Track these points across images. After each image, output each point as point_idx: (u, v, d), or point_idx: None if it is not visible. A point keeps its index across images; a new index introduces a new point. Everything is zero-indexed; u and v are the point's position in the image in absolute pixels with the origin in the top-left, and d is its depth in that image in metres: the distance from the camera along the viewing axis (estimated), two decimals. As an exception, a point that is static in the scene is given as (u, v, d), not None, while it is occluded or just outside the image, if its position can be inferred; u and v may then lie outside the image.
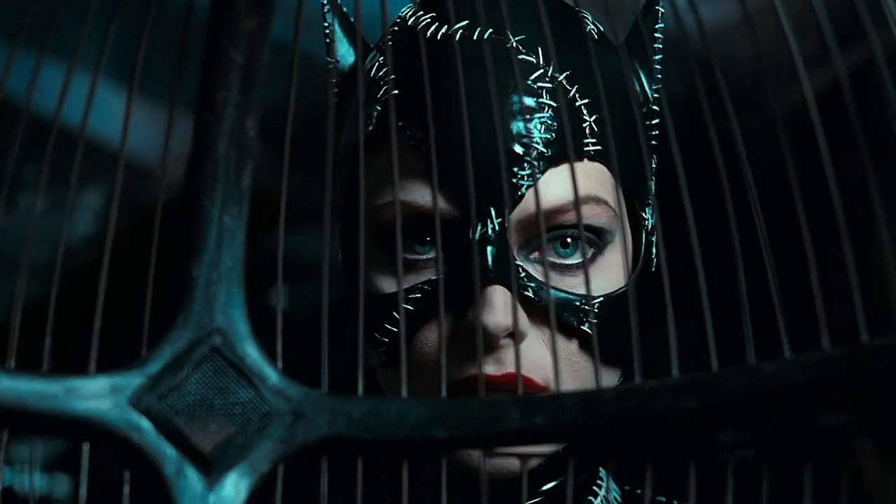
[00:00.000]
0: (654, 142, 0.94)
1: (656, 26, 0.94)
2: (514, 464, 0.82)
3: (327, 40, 0.94)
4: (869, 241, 0.58)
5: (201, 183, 0.57)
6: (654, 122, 0.94)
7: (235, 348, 0.56)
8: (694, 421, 0.57)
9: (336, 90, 0.93)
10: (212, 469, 0.55)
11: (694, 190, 0.66)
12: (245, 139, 0.57)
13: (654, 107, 0.93)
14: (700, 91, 0.59)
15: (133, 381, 0.56)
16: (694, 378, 0.57)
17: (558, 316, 0.84)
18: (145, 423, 0.55)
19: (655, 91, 0.94)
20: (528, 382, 0.84)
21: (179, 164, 0.58)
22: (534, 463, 0.84)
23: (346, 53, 0.94)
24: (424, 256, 0.86)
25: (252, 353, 0.56)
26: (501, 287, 0.82)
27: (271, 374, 0.56)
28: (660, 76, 0.94)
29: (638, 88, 0.93)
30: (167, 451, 0.55)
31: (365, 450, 0.57)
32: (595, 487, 0.92)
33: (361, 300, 0.60)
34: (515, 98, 0.85)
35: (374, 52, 0.92)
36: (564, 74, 0.87)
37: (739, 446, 0.59)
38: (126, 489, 0.56)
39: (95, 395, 0.55)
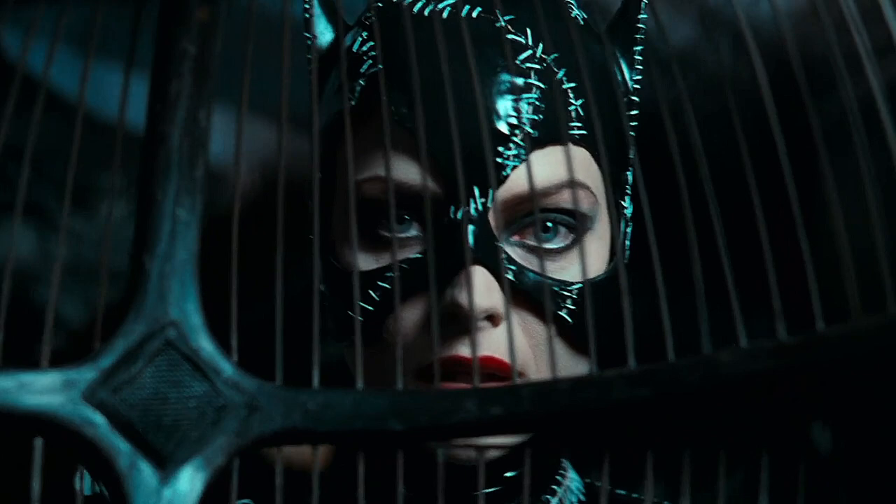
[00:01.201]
0: (632, 133, 0.94)
1: (639, 16, 0.94)
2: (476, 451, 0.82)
3: (307, 15, 0.92)
4: (824, 230, 0.59)
5: (154, 175, 0.57)
6: (633, 112, 0.94)
7: (190, 341, 0.56)
8: (651, 411, 0.57)
9: (315, 66, 0.92)
10: (166, 463, 0.55)
11: (651, 179, 0.66)
12: (198, 130, 0.57)
13: (634, 97, 0.93)
14: (656, 79, 0.59)
15: (86, 375, 0.55)
16: (650, 368, 0.57)
17: (537, 301, 0.83)
18: (98, 418, 0.55)
19: (636, 81, 0.93)
20: (504, 366, 0.83)
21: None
22: (495, 452, 0.84)
23: (324, 30, 0.94)
24: (403, 235, 0.86)
25: (206, 346, 0.56)
26: (482, 268, 0.82)
27: (226, 367, 0.56)
28: (640, 66, 0.94)
29: (620, 78, 0.93)
30: (121, 446, 0.55)
31: (320, 442, 0.57)
32: (558, 477, 0.92)
33: (316, 293, 0.60)
34: (504, 77, 0.85)
35: (357, 27, 0.91)
36: (552, 57, 0.87)
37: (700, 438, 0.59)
38: (79, 484, 0.55)
39: (48, 389, 0.55)
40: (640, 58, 0.94)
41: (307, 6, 0.92)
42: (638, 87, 0.94)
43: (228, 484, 0.56)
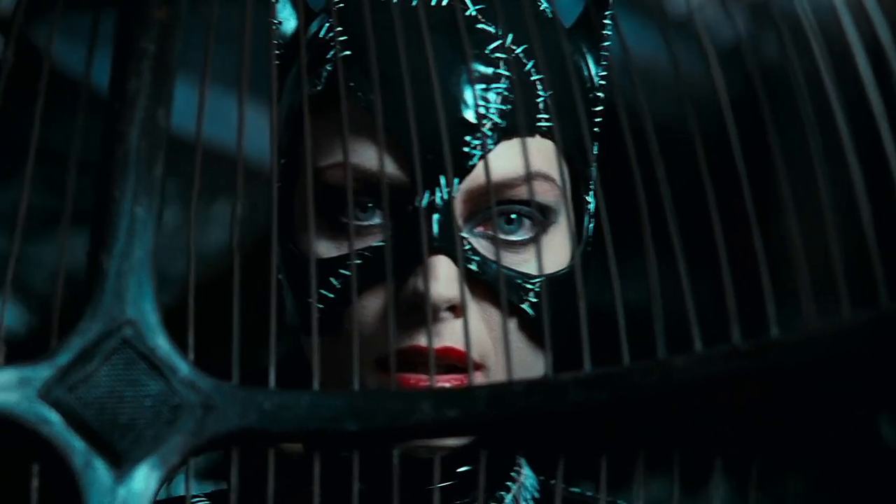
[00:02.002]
0: (596, 129, 0.94)
1: (606, 11, 0.94)
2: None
3: (272, 1, 0.92)
4: (779, 236, 0.59)
5: (112, 173, 0.57)
6: (598, 108, 0.94)
7: (146, 340, 0.56)
8: (605, 414, 0.57)
9: (279, 51, 0.92)
10: (121, 462, 0.55)
11: (609, 182, 0.66)
12: (157, 130, 0.57)
13: (600, 93, 0.93)
14: (614, 82, 0.59)
15: (42, 373, 0.55)
16: (605, 372, 0.57)
17: (499, 293, 0.83)
18: (54, 416, 0.55)
19: (602, 77, 0.93)
20: (465, 357, 0.82)
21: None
22: (451, 442, 0.83)
23: (289, 16, 0.93)
24: (366, 222, 0.85)
25: (163, 344, 0.56)
26: (446, 258, 0.82)
27: (182, 367, 0.56)
28: (606, 62, 0.94)
29: (586, 73, 0.93)
30: (76, 444, 0.55)
31: (276, 442, 0.57)
32: (513, 474, 0.92)
33: (274, 293, 0.60)
34: (472, 66, 0.85)
35: (324, 13, 0.91)
36: (521, 48, 0.87)
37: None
38: (35, 482, 0.55)
39: (3, 387, 0.55)
40: (606, 53, 0.94)
41: None
42: (604, 82, 0.94)
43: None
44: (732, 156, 0.58)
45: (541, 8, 0.91)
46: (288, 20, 0.93)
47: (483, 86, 0.84)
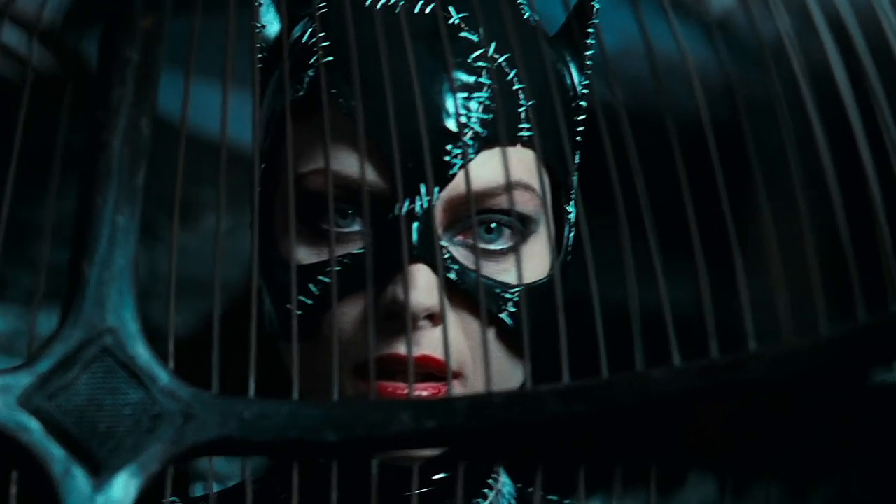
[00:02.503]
0: (578, 137, 0.94)
1: (590, 21, 0.94)
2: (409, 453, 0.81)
3: (256, 3, 0.92)
4: (758, 250, 0.59)
5: (95, 181, 0.57)
6: (581, 117, 0.94)
7: (126, 349, 0.56)
8: (584, 426, 0.58)
9: (262, 55, 0.92)
10: (100, 470, 0.55)
11: (588, 192, 0.66)
12: (140, 138, 0.57)
13: (583, 102, 0.93)
14: (595, 94, 0.59)
15: (22, 380, 0.55)
16: (584, 384, 0.58)
17: (478, 301, 0.83)
18: (33, 424, 0.55)
19: (584, 86, 0.94)
20: (442, 366, 0.82)
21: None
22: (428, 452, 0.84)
23: (272, 20, 0.93)
24: (347, 229, 0.85)
25: (143, 353, 0.56)
26: (425, 266, 0.82)
27: (162, 375, 0.56)
28: (590, 72, 0.94)
29: (569, 82, 0.93)
30: (55, 452, 0.55)
31: (255, 452, 0.57)
32: (490, 481, 0.92)
33: (255, 299, 0.60)
34: (454, 75, 0.85)
35: (308, 18, 0.91)
36: (504, 57, 0.87)
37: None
38: (13, 490, 0.55)
39: (-17, 394, 0.55)
40: (590, 62, 0.94)
41: None
42: (586, 91, 0.94)
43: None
44: (710, 170, 0.59)
45: (525, 16, 0.91)
46: (272, 24, 0.93)
47: (465, 94, 0.84)
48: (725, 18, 0.59)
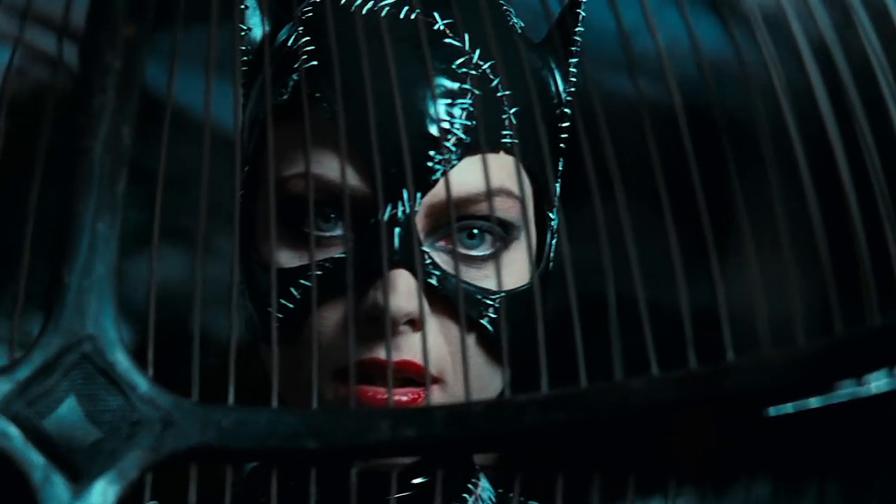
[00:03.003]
0: (562, 144, 0.94)
1: (576, 28, 0.94)
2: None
3: (242, 6, 0.92)
4: (737, 261, 0.60)
5: (75, 189, 0.57)
6: (565, 124, 0.94)
7: (106, 355, 0.56)
8: (563, 436, 0.58)
9: (247, 58, 0.92)
10: (79, 476, 0.55)
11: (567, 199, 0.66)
12: (121, 146, 0.57)
13: (567, 109, 0.93)
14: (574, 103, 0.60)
15: (1, 387, 0.56)
16: (563, 393, 0.58)
17: (459, 308, 0.83)
18: (13, 430, 0.55)
19: (568, 93, 0.94)
20: (422, 371, 0.82)
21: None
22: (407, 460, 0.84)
23: (258, 23, 0.93)
24: (328, 234, 0.85)
25: (122, 360, 0.56)
26: (406, 271, 0.82)
27: (141, 382, 0.56)
28: (574, 79, 0.94)
29: (553, 89, 0.93)
30: (34, 459, 0.55)
31: (235, 459, 0.57)
32: (470, 486, 0.92)
33: (235, 303, 0.60)
34: (438, 81, 0.85)
35: (294, 22, 0.91)
36: (489, 63, 0.87)
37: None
38: (-8, 496, 0.55)
39: (-38, 401, 0.55)
40: (574, 70, 0.94)
41: None
42: (570, 98, 0.94)
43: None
44: (689, 178, 0.59)
45: (510, 22, 0.91)
46: (258, 26, 0.93)
47: (448, 101, 0.84)
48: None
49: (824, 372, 0.57)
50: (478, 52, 0.86)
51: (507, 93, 0.86)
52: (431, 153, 0.83)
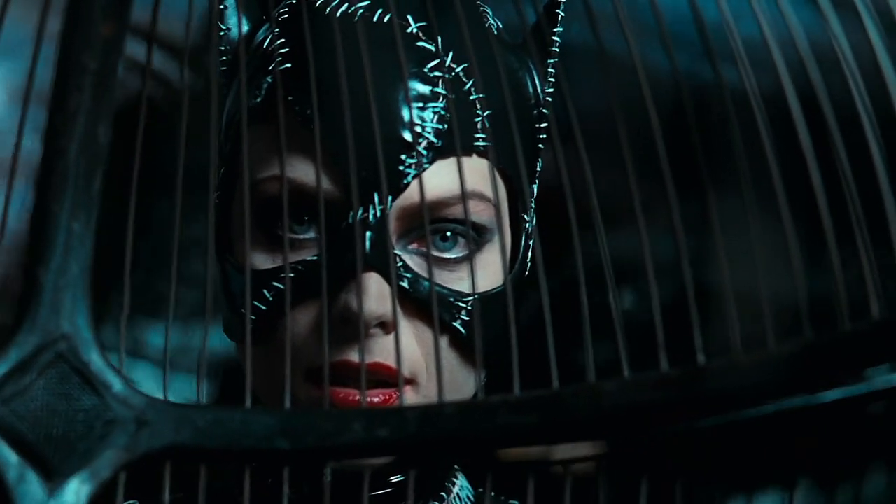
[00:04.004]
0: (540, 145, 0.94)
1: (554, 28, 0.94)
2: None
3: (221, 6, 0.92)
4: (710, 265, 0.60)
5: (51, 188, 0.57)
6: (542, 125, 0.94)
7: (80, 355, 0.56)
8: (535, 437, 0.58)
9: (225, 58, 0.92)
10: (53, 475, 0.55)
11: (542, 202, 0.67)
12: (97, 146, 0.57)
13: (545, 110, 0.93)
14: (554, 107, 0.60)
15: (-24, 385, 0.56)
16: (536, 395, 0.58)
17: (431, 310, 0.84)
18: (-13, 429, 0.55)
19: (547, 94, 0.94)
20: (394, 372, 0.83)
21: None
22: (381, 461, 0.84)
23: (237, 24, 0.93)
24: (302, 236, 0.85)
25: (97, 360, 0.56)
26: (377, 274, 0.82)
27: (115, 382, 0.57)
28: (553, 80, 0.94)
29: (531, 90, 0.93)
30: (9, 457, 0.55)
31: (209, 459, 0.57)
32: (448, 484, 0.93)
33: (210, 303, 0.61)
34: (410, 84, 0.85)
35: (269, 24, 0.91)
36: (462, 66, 0.87)
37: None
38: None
39: (-63, 399, 0.55)
40: (552, 70, 0.94)
41: None
42: (549, 99, 0.94)
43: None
44: (663, 182, 0.59)
45: (487, 23, 0.91)
46: (237, 27, 0.93)
47: (420, 104, 0.85)
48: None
49: (797, 374, 0.57)
50: (451, 54, 0.86)
51: (481, 96, 0.86)
52: (403, 157, 0.84)
